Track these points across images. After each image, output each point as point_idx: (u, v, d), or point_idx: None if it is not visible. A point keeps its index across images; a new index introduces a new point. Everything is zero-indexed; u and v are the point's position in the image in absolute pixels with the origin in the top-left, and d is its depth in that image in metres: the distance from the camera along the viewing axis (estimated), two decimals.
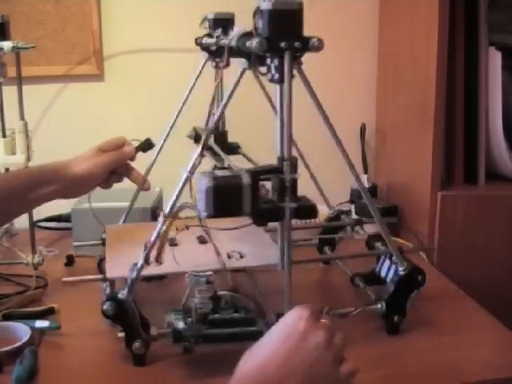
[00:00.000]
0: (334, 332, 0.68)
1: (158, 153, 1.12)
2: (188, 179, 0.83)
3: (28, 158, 1.14)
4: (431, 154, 1.27)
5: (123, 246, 1.00)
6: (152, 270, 0.87)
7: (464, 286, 1.14)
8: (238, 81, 0.82)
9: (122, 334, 0.86)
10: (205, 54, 1.11)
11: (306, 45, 0.77)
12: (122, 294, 0.84)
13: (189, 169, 0.83)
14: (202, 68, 1.12)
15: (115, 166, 1.06)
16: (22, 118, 1.14)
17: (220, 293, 0.87)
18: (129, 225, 1.14)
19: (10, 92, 1.15)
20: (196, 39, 1.10)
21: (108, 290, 0.93)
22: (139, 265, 0.84)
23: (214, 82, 1.07)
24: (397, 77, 1.49)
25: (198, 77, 1.11)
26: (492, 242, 1.28)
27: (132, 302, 0.84)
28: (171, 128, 1.14)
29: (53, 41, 1.44)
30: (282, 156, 0.79)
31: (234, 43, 0.81)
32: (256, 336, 0.68)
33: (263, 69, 0.82)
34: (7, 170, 1.17)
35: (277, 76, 0.77)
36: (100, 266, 1.05)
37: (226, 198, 0.77)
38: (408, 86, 1.42)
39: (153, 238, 0.84)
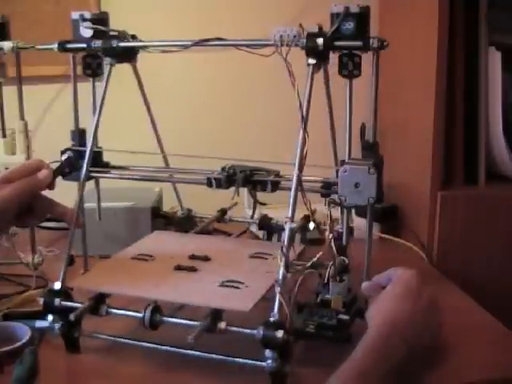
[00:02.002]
0: None
1: None
2: (299, 178, 0.83)
3: (28, 158, 1.14)
4: (431, 153, 1.27)
5: (148, 288, 0.88)
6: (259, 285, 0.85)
7: (464, 285, 1.14)
8: (311, 83, 0.85)
9: None
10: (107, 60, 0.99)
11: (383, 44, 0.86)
12: (285, 320, 0.77)
13: (297, 167, 0.83)
14: (109, 76, 0.99)
15: (26, 199, 0.83)
16: (22, 118, 1.13)
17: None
18: (94, 273, 0.96)
19: (10, 92, 1.15)
20: (62, 42, 1.01)
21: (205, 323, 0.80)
22: (281, 276, 0.79)
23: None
24: (397, 77, 1.49)
25: (106, 82, 0.99)
26: (492, 242, 1.28)
27: None
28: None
29: (53, 41, 1.44)
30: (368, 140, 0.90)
31: (302, 43, 0.85)
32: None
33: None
34: (7, 169, 1.17)
35: (356, 72, 0.88)
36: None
37: (379, 185, 0.85)
38: (408, 85, 1.42)
39: (286, 242, 0.80)
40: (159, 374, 0.85)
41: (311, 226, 0.87)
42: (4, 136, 1.17)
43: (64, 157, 1.00)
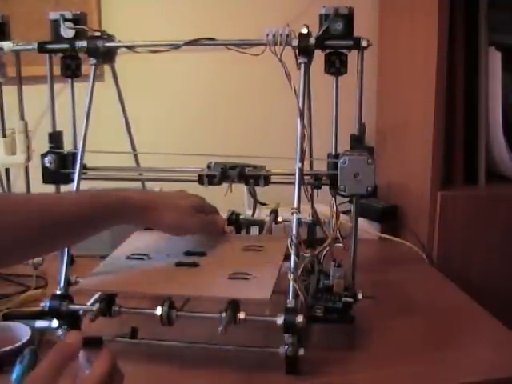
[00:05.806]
0: None
1: None
2: (301, 171, 0.86)
3: (28, 158, 1.14)
4: (431, 153, 1.27)
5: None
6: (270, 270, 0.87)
7: (464, 285, 1.14)
8: (305, 80, 0.89)
9: None
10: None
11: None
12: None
13: (298, 159, 0.86)
14: (94, 77, 0.99)
15: (199, 233, 0.96)
16: (22, 118, 1.14)
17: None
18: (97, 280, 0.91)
19: (10, 92, 1.15)
20: (41, 43, 0.99)
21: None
22: (293, 264, 0.82)
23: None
24: (397, 77, 1.49)
25: (92, 83, 1.00)
26: (492, 242, 1.28)
27: None
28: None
29: None
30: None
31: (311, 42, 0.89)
32: None
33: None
34: (7, 170, 1.17)
35: (343, 70, 0.93)
36: None
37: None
38: (408, 85, 1.42)
39: (295, 231, 0.83)
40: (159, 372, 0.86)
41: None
42: (4, 136, 1.18)
43: (47, 160, 0.99)
